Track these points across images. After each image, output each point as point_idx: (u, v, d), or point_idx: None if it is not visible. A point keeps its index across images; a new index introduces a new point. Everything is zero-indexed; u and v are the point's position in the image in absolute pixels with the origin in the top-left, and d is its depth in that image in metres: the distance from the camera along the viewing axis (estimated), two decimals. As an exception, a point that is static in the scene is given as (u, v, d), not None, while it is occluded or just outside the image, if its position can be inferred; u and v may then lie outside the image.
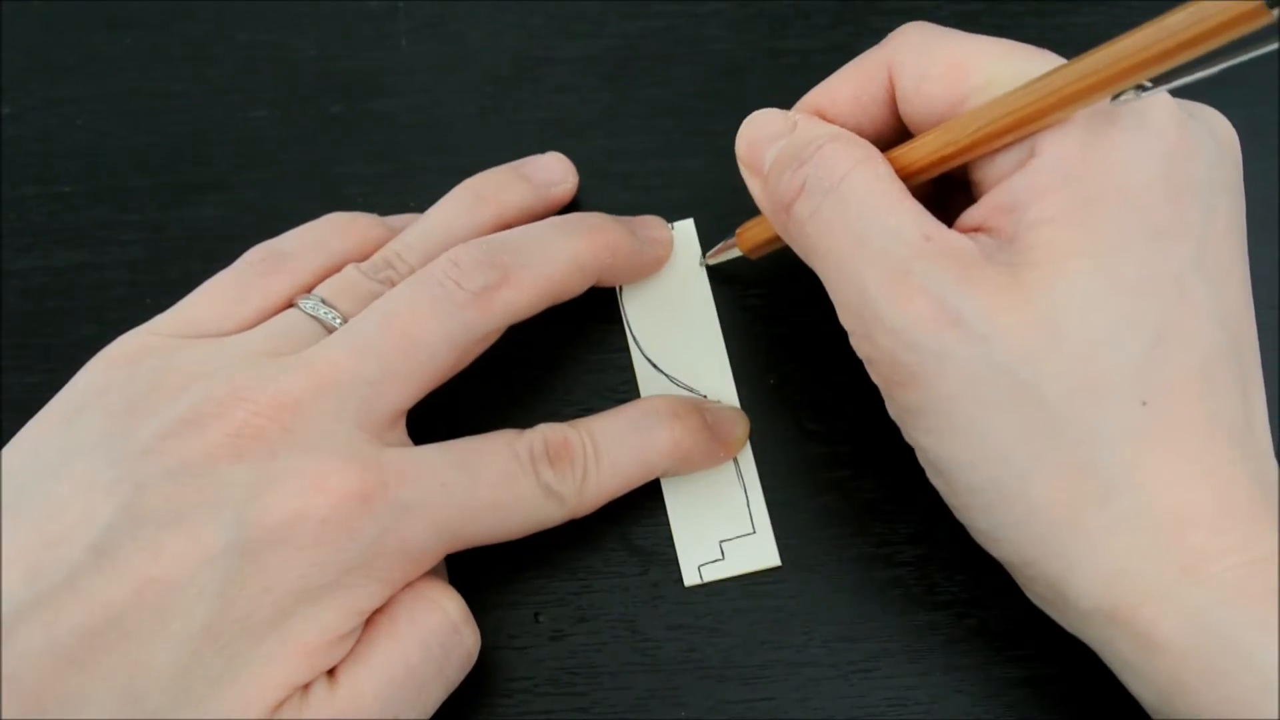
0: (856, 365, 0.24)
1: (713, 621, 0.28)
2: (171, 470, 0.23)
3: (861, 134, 0.25)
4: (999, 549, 0.23)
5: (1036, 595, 0.23)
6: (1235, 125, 0.24)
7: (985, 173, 0.23)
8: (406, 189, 0.32)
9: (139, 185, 0.33)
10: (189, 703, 0.22)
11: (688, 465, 0.28)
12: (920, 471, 0.24)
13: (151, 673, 0.22)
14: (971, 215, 0.23)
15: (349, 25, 0.34)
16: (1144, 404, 0.21)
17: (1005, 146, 0.22)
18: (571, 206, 0.31)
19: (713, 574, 0.28)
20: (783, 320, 0.30)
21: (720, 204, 0.31)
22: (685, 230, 0.31)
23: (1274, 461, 0.22)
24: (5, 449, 0.24)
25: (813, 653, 0.27)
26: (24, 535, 0.22)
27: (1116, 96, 0.20)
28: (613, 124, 0.33)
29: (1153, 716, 0.22)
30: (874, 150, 0.24)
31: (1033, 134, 0.22)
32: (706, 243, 0.31)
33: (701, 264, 0.30)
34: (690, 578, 0.28)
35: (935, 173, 0.24)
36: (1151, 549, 0.21)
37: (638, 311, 0.30)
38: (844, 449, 0.29)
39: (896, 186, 0.23)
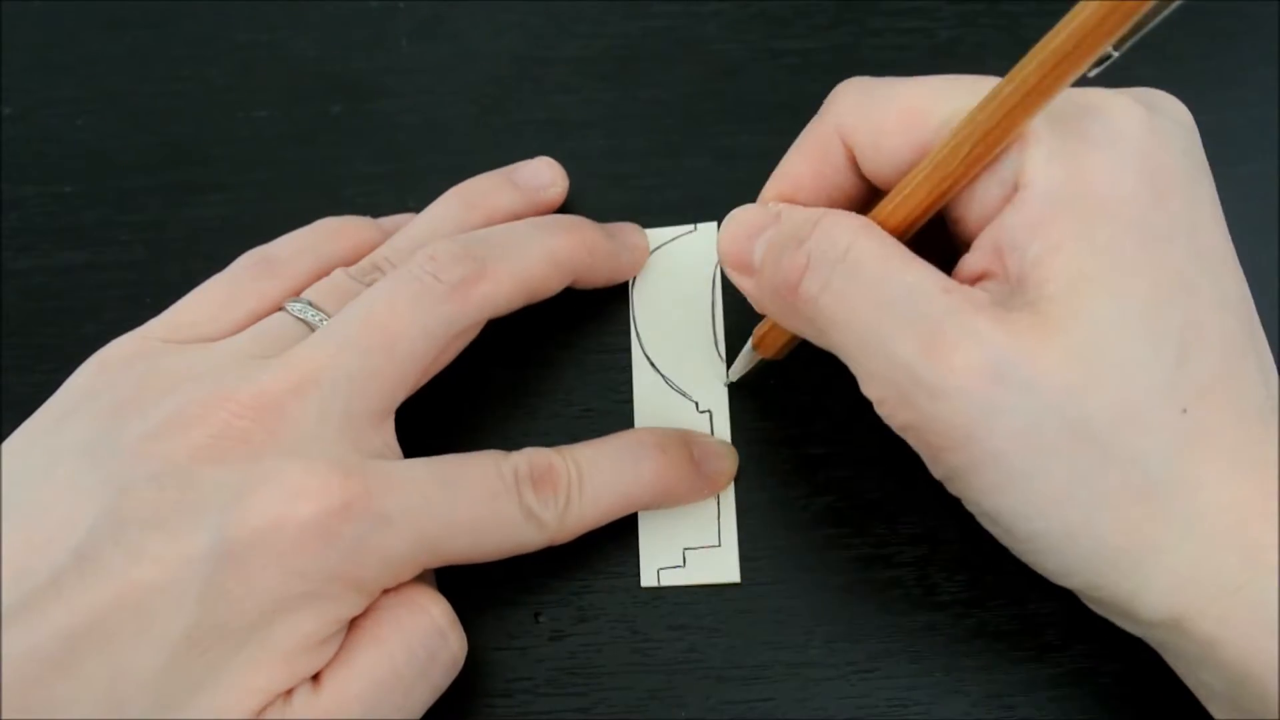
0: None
1: (713, 621, 0.28)
2: (155, 473, 0.23)
3: (834, 207, 0.24)
4: (1070, 581, 0.23)
5: (1103, 611, 0.23)
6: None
7: (967, 211, 0.23)
8: (406, 189, 0.32)
9: (139, 185, 0.33)
10: (170, 707, 0.22)
11: (671, 500, 0.28)
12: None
13: (132, 677, 0.22)
14: (969, 263, 0.23)
15: (349, 25, 0.34)
16: (1184, 411, 0.21)
17: (987, 167, 0.22)
18: (570, 206, 0.31)
19: (670, 579, 0.28)
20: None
21: (720, 204, 0.31)
22: (708, 233, 0.31)
23: None
24: None
25: (813, 653, 0.27)
26: (11, 538, 0.22)
27: (1089, 71, 0.20)
28: (613, 124, 0.33)
29: (1216, 710, 0.22)
30: (866, 219, 0.23)
31: (1010, 143, 0.21)
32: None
33: (725, 384, 0.30)
34: (648, 579, 0.28)
35: (923, 220, 0.23)
36: (1215, 551, 0.21)
37: (645, 311, 0.30)
38: (845, 449, 0.29)
39: (900, 248, 0.22)
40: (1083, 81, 0.20)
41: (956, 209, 0.23)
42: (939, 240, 0.24)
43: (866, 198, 0.25)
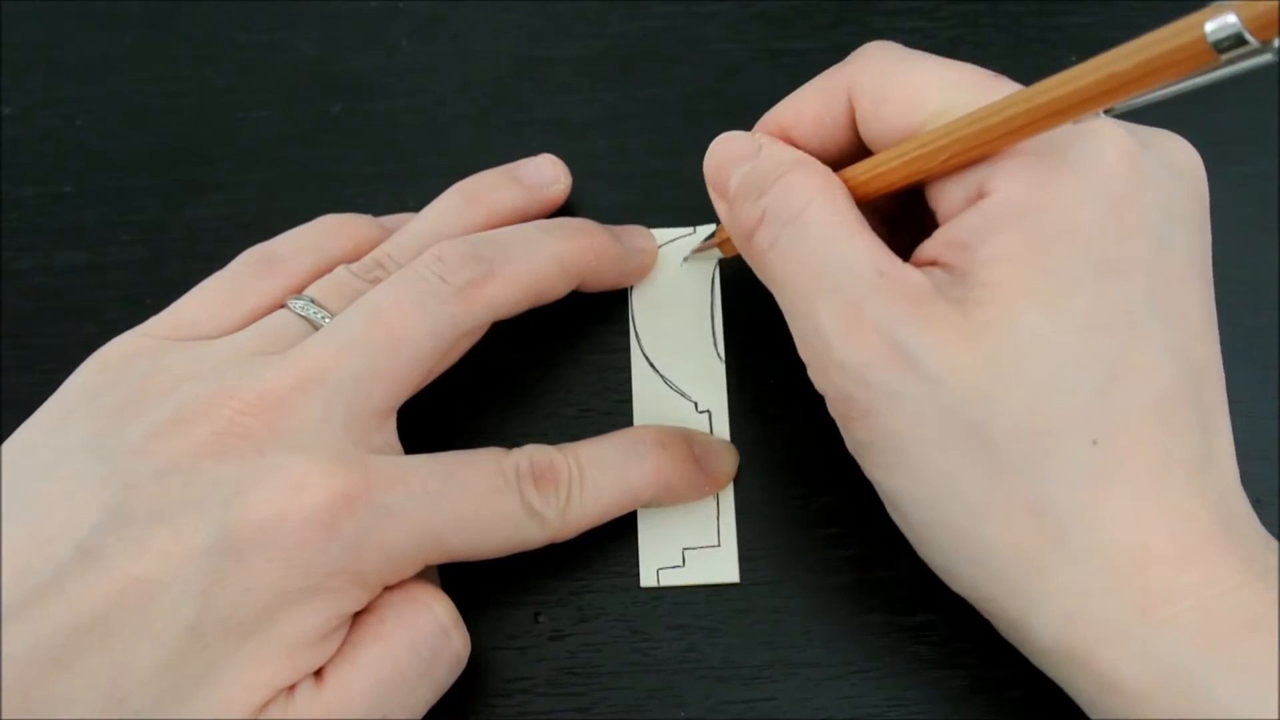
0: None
1: (712, 621, 0.28)
2: (159, 470, 0.23)
3: (824, 153, 0.25)
4: (957, 585, 0.23)
5: (1002, 632, 0.23)
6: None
7: (939, 201, 0.23)
8: (406, 189, 0.32)
9: (139, 185, 0.33)
10: (172, 703, 0.22)
11: (672, 496, 0.28)
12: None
13: (134, 673, 0.22)
14: (926, 249, 0.23)
15: (349, 25, 0.34)
16: (1094, 443, 0.21)
17: (960, 170, 0.22)
18: (571, 206, 0.31)
19: (670, 579, 0.28)
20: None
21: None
22: (707, 234, 0.31)
23: (1239, 492, 0.22)
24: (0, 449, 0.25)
25: (813, 653, 0.27)
26: (15, 535, 0.22)
27: (1078, 120, 0.20)
28: (613, 124, 0.33)
29: None
30: (833, 178, 0.24)
31: (985, 159, 0.22)
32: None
33: (684, 261, 0.30)
34: (647, 579, 0.28)
35: (889, 193, 0.24)
36: (1108, 589, 0.20)
37: (644, 310, 0.30)
38: (845, 449, 0.29)
39: (853, 218, 0.23)
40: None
41: (930, 189, 0.23)
42: (923, 209, 0.24)
43: (856, 154, 0.25)
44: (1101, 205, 0.21)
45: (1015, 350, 0.21)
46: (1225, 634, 0.20)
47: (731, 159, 0.25)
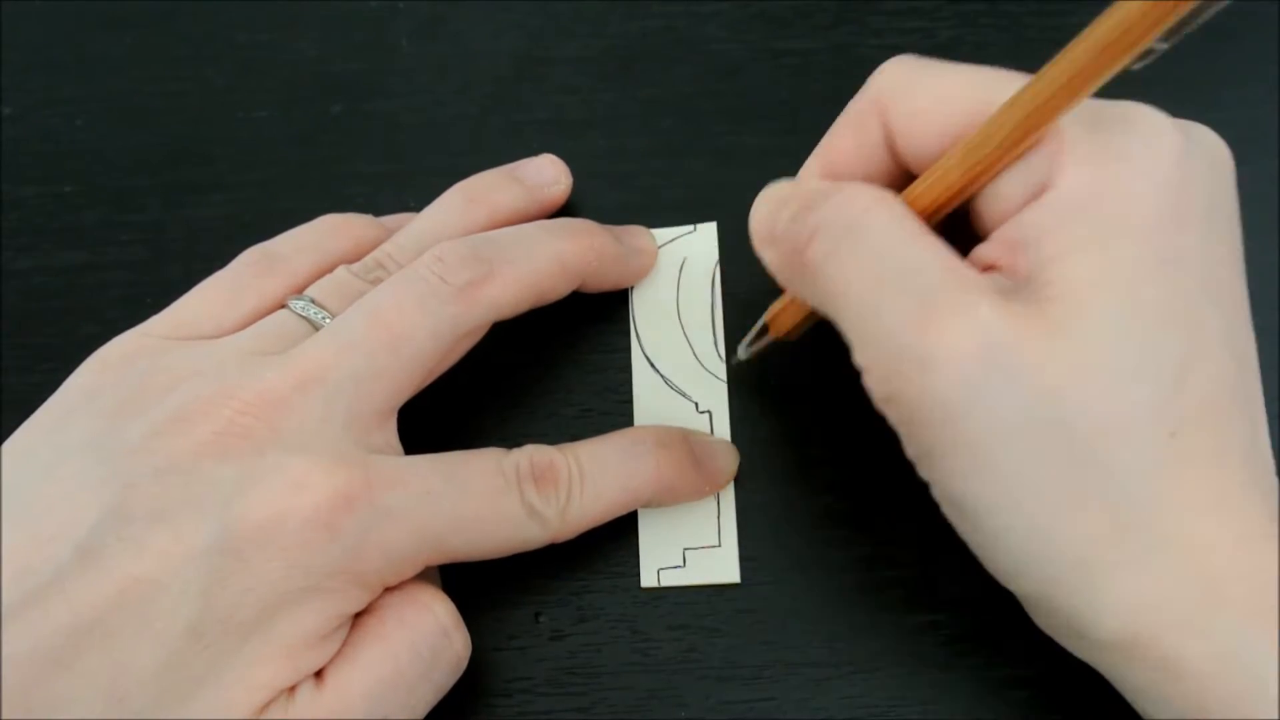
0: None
1: (713, 622, 0.28)
2: (159, 469, 0.23)
3: (870, 182, 0.24)
4: (1019, 583, 0.23)
5: (1051, 626, 0.23)
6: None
7: (990, 202, 0.23)
8: (406, 189, 0.32)
9: (139, 185, 0.33)
10: (172, 703, 0.22)
11: (671, 496, 0.28)
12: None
13: (135, 673, 0.22)
14: (983, 253, 0.22)
15: (349, 25, 0.34)
16: (1172, 435, 0.21)
17: (1018, 159, 0.22)
18: (571, 206, 0.31)
19: (670, 579, 0.28)
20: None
21: (720, 205, 0.31)
22: (708, 233, 0.31)
23: (1275, 479, 0.22)
24: (1, 449, 0.25)
25: (813, 652, 0.27)
26: (16, 535, 0.22)
27: (1137, 61, 0.19)
28: (613, 124, 0.33)
29: None
30: (889, 193, 0.23)
31: (1045, 134, 0.21)
32: (722, 246, 0.31)
33: (734, 362, 0.29)
34: (648, 579, 0.28)
35: (953, 204, 0.23)
36: (1176, 578, 0.20)
37: (644, 310, 0.30)
38: (845, 449, 0.29)
39: (915, 222, 0.22)
40: (1126, 75, 0.19)
41: (979, 199, 0.23)
42: (960, 228, 0.24)
43: (904, 180, 0.25)
44: (1160, 196, 0.21)
45: (1095, 344, 0.20)
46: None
47: (779, 204, 0.24)
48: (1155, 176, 0.21)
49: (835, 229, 0.23)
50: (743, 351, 0.29)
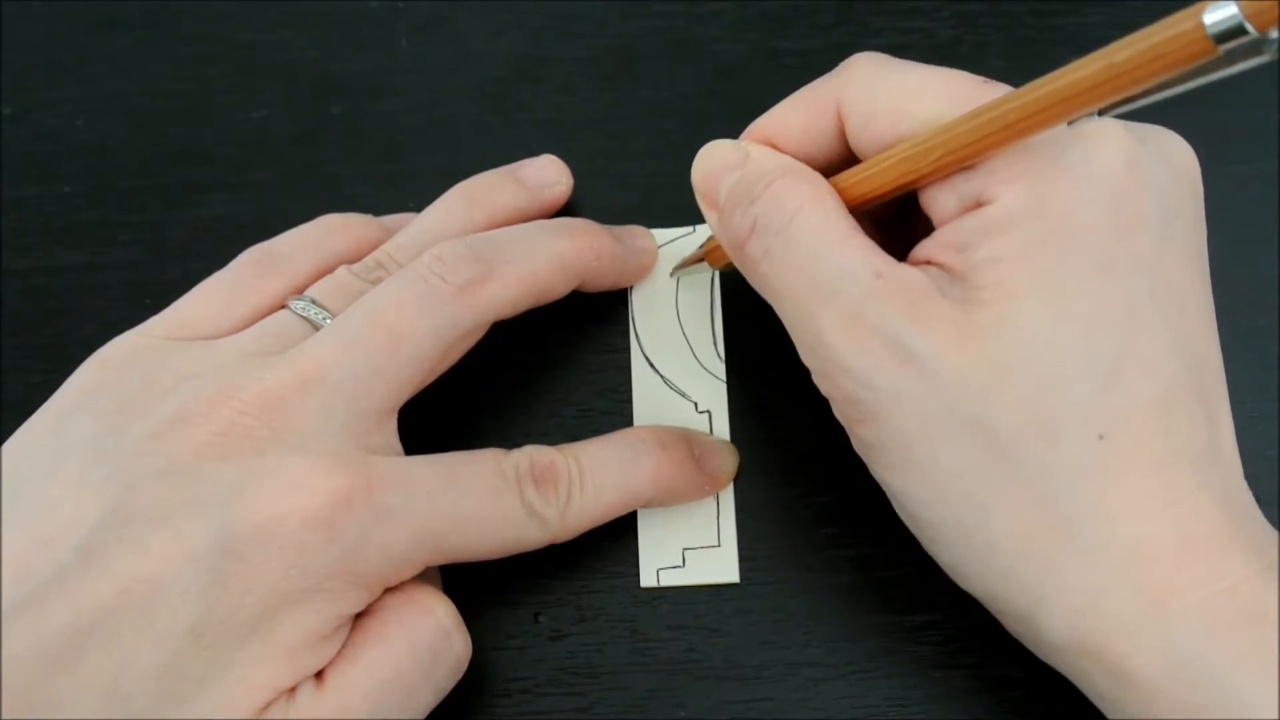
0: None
1: (713, 621, 0.28)
2: (160, 469, 0.23)
3: (811, 163, 0.25)
4: (966, 583, 0.23)
5: (1010, 629, 0.23)
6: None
7: (934, 208, 0.23)
8: (406, 189, 0.32)
9: (139, 185, 0.33)
10: (173, 703, 0.22)
11: (671, 496, 0.28)
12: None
13: (135, 673, 0.22)
14: (923, 249, 0.23)
15: (349, 25, 0.34)
16: (1100, 438, 0.21)
17: (953, 171, 0.22)
18: (571, 206, 0.31)
19: (670, 579, 0.28)
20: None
21: (720, 204, 0.31)
22: (707, 234, 0.31)
23: (1243, 485, 0.22)
24: (1, 450, 0.25)
25: (813, 653, 0.27)
26: (17, 535, 0.22)
27: (1072, 122, 0.20)
28: (613, 124, 0.33)
29: None
30: (823, 184, 0.24)
31: (980, 162, 0.22)
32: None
33: (671, 275, 0.30)
34: (647, 579, 0.28)
35: (882, 200, 0.24)
36: (1118, 583, 0.20)
37: (644, 310, 0.30)
38: (844, 449, 0.29)
39: (845, 223, 0.23)
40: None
41: (925, 199, 0.23)
42: (917, 213, 0.24)
43: (844, 165, 0.25)
44: (1101, 205, 0.21)
45: (1018, 346, 0.21)
46: (1234, 627, 0.20)
47: (720, 168, 0.25)
48: (1096, 185, 0.21)
49: (770, 229, 0.23)
50: (677, 270, 0.30)
